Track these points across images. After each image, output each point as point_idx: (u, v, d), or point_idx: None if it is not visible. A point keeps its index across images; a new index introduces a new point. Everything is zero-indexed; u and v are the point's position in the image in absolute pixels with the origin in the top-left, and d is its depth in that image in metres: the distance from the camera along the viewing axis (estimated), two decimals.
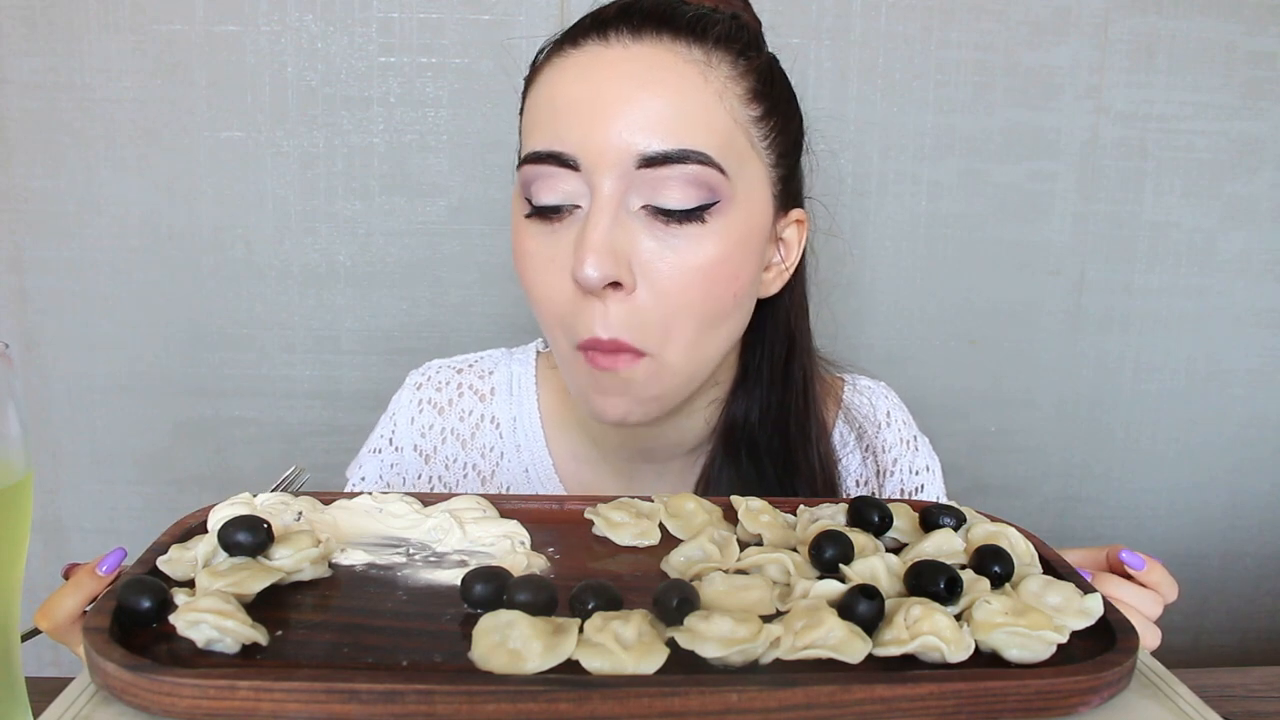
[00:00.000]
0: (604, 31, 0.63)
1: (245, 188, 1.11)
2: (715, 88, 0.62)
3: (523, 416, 0.79)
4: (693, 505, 0.55)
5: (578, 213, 0.63)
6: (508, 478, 0.78)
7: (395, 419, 0.81)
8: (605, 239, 0.60)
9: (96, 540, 1.18)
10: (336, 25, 1.08)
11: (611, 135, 0.60)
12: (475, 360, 0.82)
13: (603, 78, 0.62)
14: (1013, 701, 0.38)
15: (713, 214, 0.62)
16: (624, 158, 0.60)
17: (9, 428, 0.47)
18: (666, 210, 0.61)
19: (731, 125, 0.63)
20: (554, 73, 0.64)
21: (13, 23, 1.06)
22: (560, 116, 0.62)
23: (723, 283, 0.63)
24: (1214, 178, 1.20)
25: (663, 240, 0.61)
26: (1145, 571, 0.61)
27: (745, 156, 0.64)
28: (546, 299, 0.64)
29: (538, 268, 0.64)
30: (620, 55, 0.62)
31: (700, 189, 0.61)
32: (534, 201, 0.64)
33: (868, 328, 1.20)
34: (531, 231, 0.65)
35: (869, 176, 1.17)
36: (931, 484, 0.82)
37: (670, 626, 0.40)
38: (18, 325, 1.12)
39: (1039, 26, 1.15)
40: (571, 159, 0.61)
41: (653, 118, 0.60)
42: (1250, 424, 1.27)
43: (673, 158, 0.60)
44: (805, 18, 1.13)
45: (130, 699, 0.36)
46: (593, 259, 0.59)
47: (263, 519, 0.45)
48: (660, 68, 0.61)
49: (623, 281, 0.61)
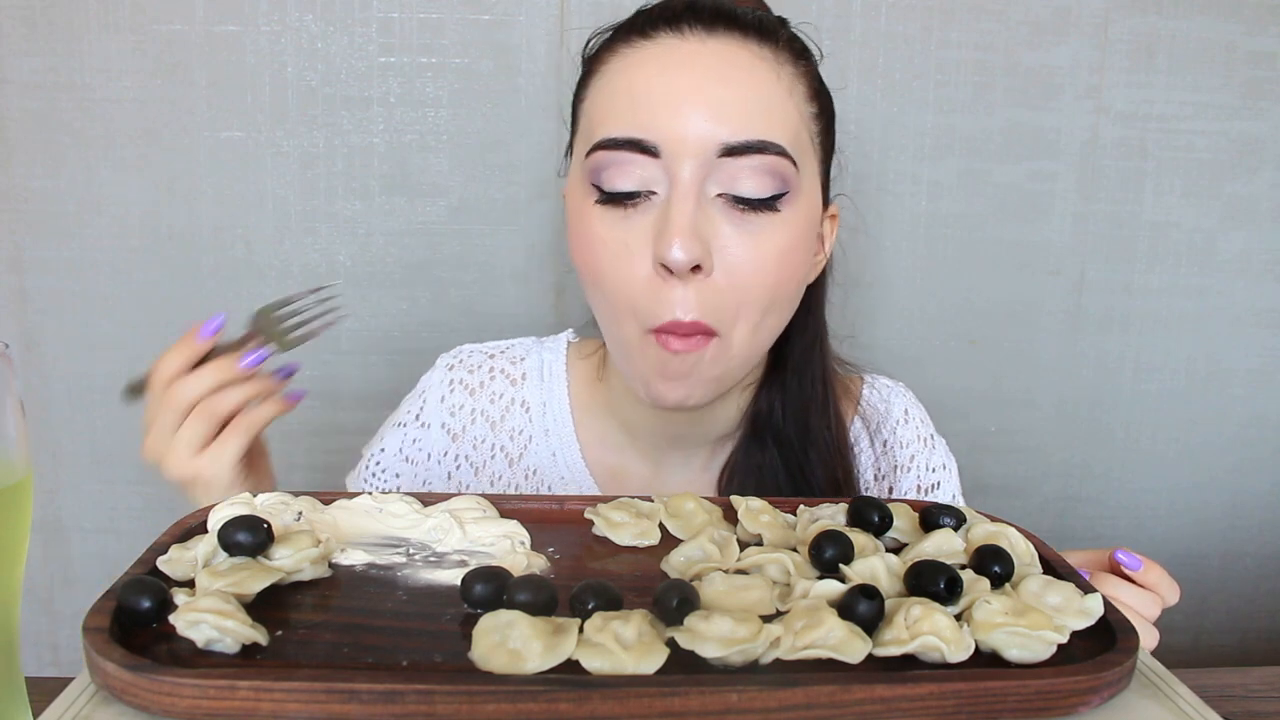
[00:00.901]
0: (676, 25, 0.66)
1: (245, 188, 1.11)
2: (786, 84, 0.66)
3: (552, 402, 0.80)
4: (692, 505, 0.55)
5: (654, 199, 0.64)
6: (535, 460, 0.79)
7: (425, 397, 0.81)
8: (691, 222, 0.62)
9: (96, 540, 1.18)
10: (336, 25, 1.08)
11: (694, 124, 0.63)
12: (506, 347, 0.83)
13: (682, 68, 0.64)
14: (1013, 701, 0.38)
15: (784, 203, 0.65)
16: (706, 146, 0.63)
17: (9, 428, 0.47)
18: (743, 198, 0.64)
19: (799, 120, 0.67)
20: (626, 62, 0.66)
21: (13, 23, 1.06)
22: (640, 104, 0.64)
23: (790, 269, 0.66)
24: (1214, 178, 1.20)
25: (739, 227, 0.64)
26: (1142, 572, 0.62)
27: (807, 151, 0.68)
28: (620, 285, 0.65)
29: (612, 254, 0.65)
30: (697, 49, 0.65)
31: (775, 179, 0.64)
32: (605, 187, 0.65)
33: (868, 327, 1.20)
34: (602, 217, 0.66)
35: (869, 176, 1.17)
36: (947, 482, 0.83)
37: (670, 626, 0.40)
38: (18, 325, 1.12)
39: (1039, 26, 1.15)
40: (653, 145, 0.63)
41: (733, 109, 0.63)
42: (1250, 424, 1.27)
43: (752, 148, 0.63)
44: (805, 18, 1.12)
45: (130, 699, 0.36)
46: (681, 241, 0.61)
47: (262, 519, 0.45)
48: (736, 63, 0.65)
49: (703, 265, 0.63)
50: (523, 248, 1.14)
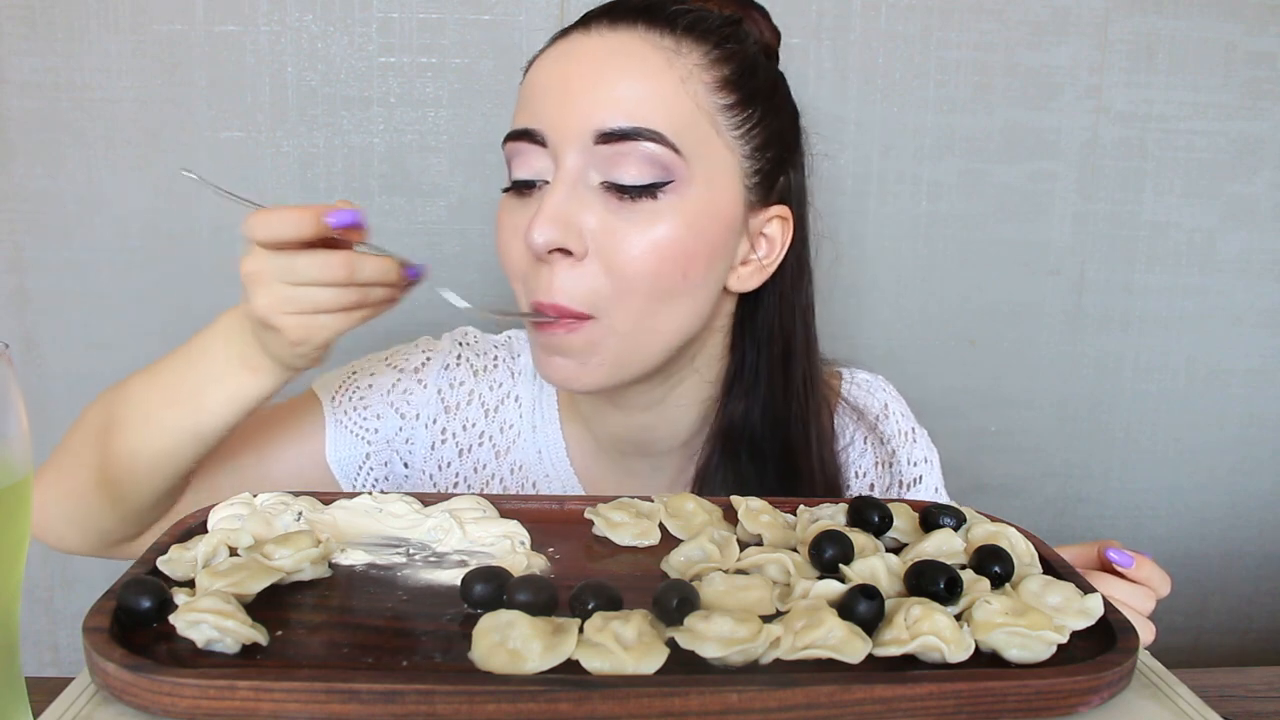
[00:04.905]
0: (587, 23, 0.68)
1: (245, 188, 1.11)
2: (679, 72, 0.66)
3: (543, 400, 0.80)
4: (693, 505, 0.55)
5: (546, 188, 0.66)
6: (522, 456, 0.79)
7: (429, 356, 0.80)
8: (557, 209, 0.64)
9: None
10: (336, 25, 1.08)
11: (574, 112, 0.64)
12: (507, 339, 0.84)
13: (574, 61, 0.66)
14: (1013, 701, 0.38)
15: (666, 192, 0.65)
16: (584, 133, 0.64)
17: (9, 428, 0.47)
18: (621, 186, 0.64)
19: (693, 109, 0.66)
20: (539, 61, 0.69)
21: (12, 22, 1.06)
22: (534, 97, 0.67)
23: (671, 260, 0.65)
24: (1214, 178, 1.20)
25: (616, 214, 0.65)
26: (1134, 568, 0.61)
27: (708, 142, 0.66)
28: (510, 267, 0.69)
29: (506, 238, 0.69)
30: (595, 42, 0.66)
31: (654, 167, 0.64)
32: (511, 177, 0.69)
33: (868, 328, 1.20)
34: (507, 205, 0.69)
35: (869, 176, 1.17)
36: (929, 475, 0.82)
37: (670, 626, 0.40)
38: (18, 325, 1.12)
39: (1039, 26, 1.15)
40: (540, 135, 0.66)
41: (613, 97, 0.64)
42: (1250, 424, 1.27)
43: (628, 134, 0.63)
44: (805, 18, 1.13)
45: (130, 699, 0.36)
46: (540, 225, 0.63)
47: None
48: (626, 53, 0.65)
49: (572, 249, 0.64)
50: None
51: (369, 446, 0.76)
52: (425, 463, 0.78)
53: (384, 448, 0.77)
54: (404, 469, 0.78)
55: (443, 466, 0.79)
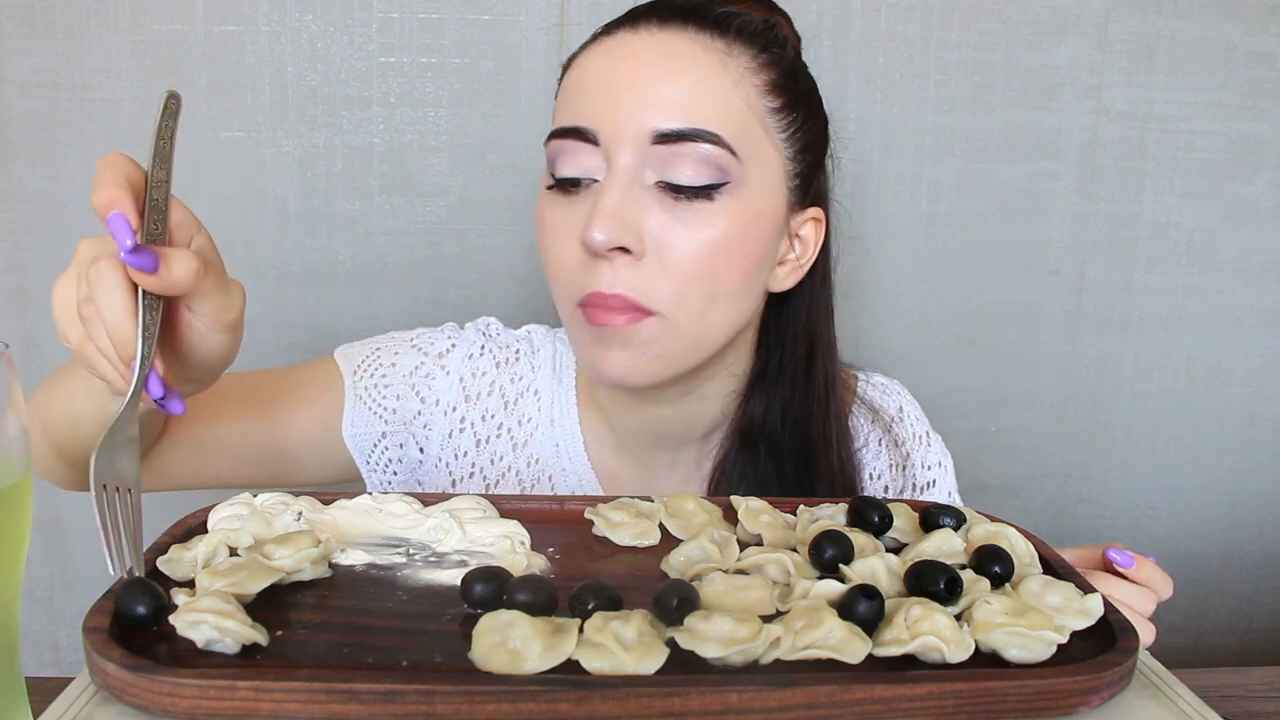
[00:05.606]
0: (635, 22, 0.68)
1: (245, 188, 1.11)
2: (733, 75, 0.66)
3: (561, 393, 0.80)
4: (693, 505, 0.55)
5: (595, 186, 0.66)
6: (539, 449, 0.79)
7: (454, 342, 0.80)
8: (615, 207, 0.64)
9: (96, 540, 1.18)
10: (336, 25, 1.08)
11: (628, 111, 0.64)
12: (527, 333, 0.84)
13: (625, 60, 0.66)
14: (1013, 701, 0.38)
15: (722, 193, 0.65)
16: (639, 133, 0.64)
17: (9, 428, 0.47)
18: (678, 186, 0.64)
19: (746, 112, 0.66)
20: (585, 58, 0.69)
21: (12, 22, 1.06)
22: (583, 95, 0.67)
23: (727, 260, 0.66)
24: (1214, 178, 1.20)
25: (673, 214, 0.65)
26: (1135, 569, 0.62)
27: (759, 144, 0.67)
28: (558, 265, 0.68)
29: (554, 237, 0.68)
30: (645, 41, 0.66)
31: (711, 168, 0.64)
32: (555, 174, 0.68)
33: (868, 328, 1.20)
34: (552, 203, 0.69)
35: (869, 177, 1.17)
36: (943, 480, 0.83)
37: (670, 626, 0.40)
38: (18, 325, 1.12)
39: (1039, 26, 1.15)
40: (591, 133, 0.65)
41: (668, 97, 0.64)
42: (1250, 424, 1.27)
43: (686, 135, 0.64)
44: (805, 18, 1.12)
45: (130, 699, 0.36)
46: (600, 223, 0.63)
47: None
48: (679, 53, 0.65)
49: (631, 248, 0.64)
50: (522, 248, 1.14)
51: (385, 425, 0.77)
52: (442, 450, 0.78)
53: (401, 429, 0.77)
54: (419, 454, 0.78)
55: (459, 455, 0.79)
